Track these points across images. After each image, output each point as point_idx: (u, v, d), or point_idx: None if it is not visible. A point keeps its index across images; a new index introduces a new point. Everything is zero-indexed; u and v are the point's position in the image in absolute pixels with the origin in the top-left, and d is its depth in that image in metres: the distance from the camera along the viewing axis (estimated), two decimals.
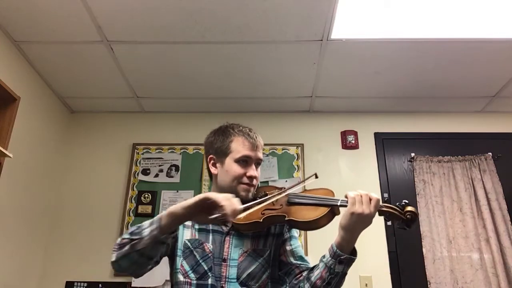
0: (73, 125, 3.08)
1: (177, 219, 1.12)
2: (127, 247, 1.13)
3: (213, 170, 1.40)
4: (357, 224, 1.14)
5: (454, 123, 3.03)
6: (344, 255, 1.16)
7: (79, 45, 2.36)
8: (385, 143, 2.97)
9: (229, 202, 1.05)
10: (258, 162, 1.38)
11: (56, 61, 2.51)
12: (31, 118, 2.57)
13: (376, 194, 1.16)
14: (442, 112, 3.07)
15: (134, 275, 1.21)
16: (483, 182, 2.71)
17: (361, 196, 1.14)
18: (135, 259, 1.14)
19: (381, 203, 1.17)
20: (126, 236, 1.16)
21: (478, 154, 2.82)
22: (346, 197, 1.18)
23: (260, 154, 1.38)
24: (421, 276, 2.54)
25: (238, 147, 1.35)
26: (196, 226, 1.34)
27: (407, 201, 1.18)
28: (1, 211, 2.31)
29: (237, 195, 1.29)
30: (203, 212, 1.07)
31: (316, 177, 1.35)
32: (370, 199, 1.14)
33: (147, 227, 1.12)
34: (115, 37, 2.29)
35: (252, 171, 1.34)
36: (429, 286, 2.50)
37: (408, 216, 1.15)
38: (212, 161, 1.41)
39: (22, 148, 2.46)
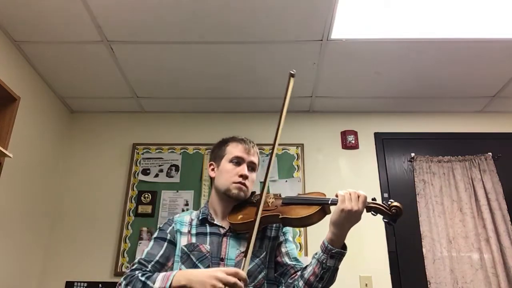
0: (73, 125, 3.08)
1: None
2: None
3: (211, 173, 1.50)
4: (346, 219, 1.21)
5: (454, 123, 3.03)
6: (335, 249, 1.22)
7: (79, 45, 2.36)
8: (385, 143, 2.97)
9: None
10: (251, 166, 1.46)
11: (56, 61, 2.51)
12: (31, 118, 2.57)
13: (364, 192, 1.24)
14: (442, 112, 3.07)
15: None
16: (483, 182, 2.71)
17: (350, 194, 1.22)
18: None
19: (368, 200, 1.24)
20: (138, 284, 1.21)
21: (478, 154, 2.82)
22: (336, 196, 1.25)
23: (253, 158, 1.47)
24: (421, 276, 2.54)
25: (232, 149, 1.47)
26: (193, 232, 1.40)
27: (392, 200, 1.24)
28: (1, 211, 2.31)
29: (230, 193, 1.40)
30: None
31: (292, 75, 1.45)
32: (358, 196, 1.22)
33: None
34: (115, 37, 2.30)
35: (243, 170, 1.42)
36: (429, 286, 2.50)
37: (393, 211, 1.22)
38: (211, 167, 1.51)
39: (22, 148, 2.46)
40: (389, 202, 1.24)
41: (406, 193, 2.77)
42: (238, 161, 1.44)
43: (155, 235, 1.42)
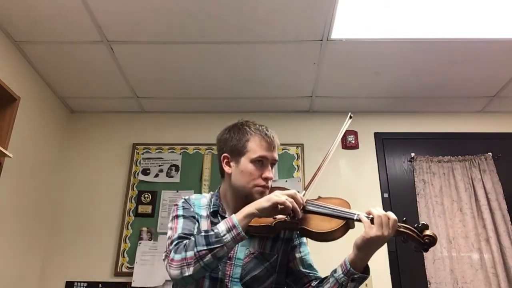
0: (73, 125, 3.08)
1: (251, 219, 1.15)
2: (208, 257, 1.09)
3: (227, 169, 1.33)
4: (374, 244, 1.14)
5: (454, 123, 3.03)
6: (358, 273, 1.15)
7: (79, 45, 2.36)
8: (385, 143, 2.97)
9: (295, 205, 1.13)
10: (273, 163, 1.34)
11: (56, 61, 2.51)
12: (31, 118, 2.57)
13: (394, 215, 1.14)
14: (442, 112, 3.06)
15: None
16: (483, 182, 2.71)
17: (380, 218, 1.12)
18: (212, 266, 1.13)
19: (398, 223, 1.14)
20: (200, 248, 1.10)
21: (478, 154, 2.82)
22: (367, 213, 1.16)
23: (276, 155, 1.33)
24: (421, 276, 2.54)
25: (255, 147, 1.30)
26: (210, 219, 1.31)
27: (425, 223, 1.15)
28: (1, 211, 2.31)
29: (252, 197, 1.27)
30: (274, 211, 1.15)
31: (351, 117, 1.40)
32: (388, 219, 1.12)
33: (227, 233, 1.10)
34: (115, 37, 2.29)
35: (268, 172, 1.30)
36: (429, 286, 2.50)
37: (426, 240, 1.13)
38: (226, 160, 1.34)
39: (22, 148, 2.46)
40: (420, 225, 1.14)
41: (406, 193, 2.77)
42: (261, 160, 1.29)
43: (179, 212, 1.28)
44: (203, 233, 1.13)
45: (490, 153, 2.80)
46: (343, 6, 2.06)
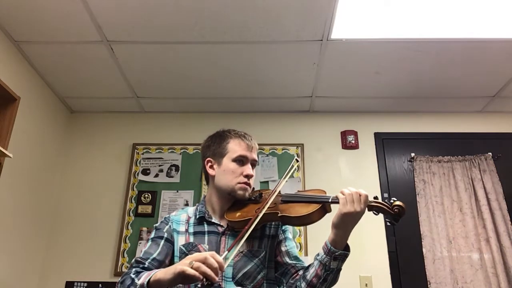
0: (73, 125, 3.08)
1: (161, 285, 1.11)
2: None
3: (210, 171, 1.44)
4: (349, 221, 1.19)
5: (454, 123, 3.03)
6: (338, 251, 1.20)
7: (79, 45, 2.36)
8: (385, 143, 2.97)
9: (204, 269, 1.01)
10: (253, 163, 1.44)
11: (56, 61, 2.51)
12: (31, 118, 2.57)
13: (365, 191, 1.21)
14: (442, 112, 3.07)
15: None
16: (483, 182, 2.71)
17: (351, 195, 1.19)
18: None
19: (370, 198, 1.21)
20: (127, 281, 1.19)
21: (478, 154, 2.82)
22: (339, 194, 1.22)
23: (255, 156, 1.44)
24: (421, 276, 2.54)
25: (235, 147, 1.42)
26: (191, 230, 1.37)
27: (395, 199, 1.22)
28: (1, 211, 2.31)
29: (236, 194, 1.37)
30: (186, 280, 1.07)
31: (297, 161, 1.49)
32: (360, 195, 1.19)
33: None
34: (115, 37, 2.29)
35: (249, 170, 1.40)
36: (429, 286, 2.50)
37: (396, 210, 1.19)
38: (209, 164, 1.45)
39: (22, 148, 2.46)
40: (392, 201, 1.21)
41: (406, 193, 2.77)
42: (242, 160, 1.40)
43: (152, 235, 1.38)
44: (133, 275, 1.18)
45: (490, 153, 2.80)
46: (343, 6, 2.06)
